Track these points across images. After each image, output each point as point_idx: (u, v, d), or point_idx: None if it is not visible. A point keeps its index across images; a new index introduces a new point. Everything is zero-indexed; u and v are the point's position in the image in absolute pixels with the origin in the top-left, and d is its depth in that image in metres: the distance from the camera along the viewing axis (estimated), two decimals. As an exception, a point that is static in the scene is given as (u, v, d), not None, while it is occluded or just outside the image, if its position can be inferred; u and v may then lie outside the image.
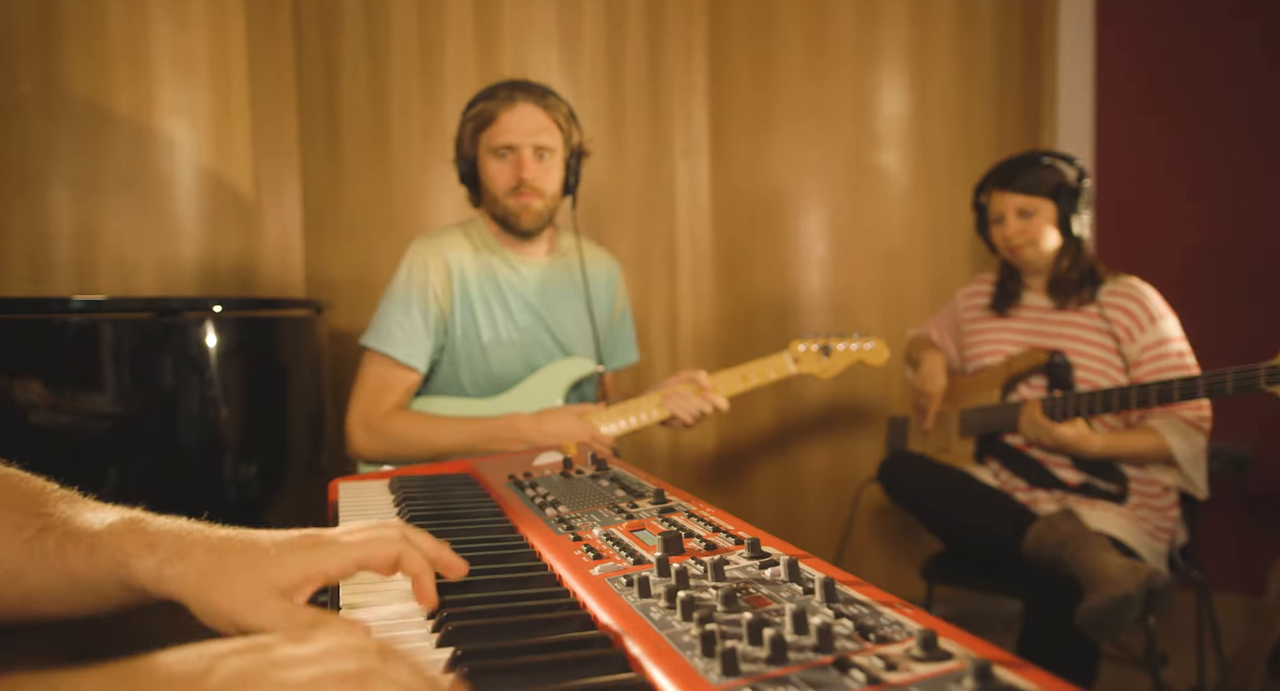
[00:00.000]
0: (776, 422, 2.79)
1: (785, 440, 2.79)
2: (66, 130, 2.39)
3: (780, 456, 2.80)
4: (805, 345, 1.95)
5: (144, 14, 2.42)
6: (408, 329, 1.73)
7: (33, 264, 2.39)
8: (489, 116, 1.75)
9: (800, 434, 2.77)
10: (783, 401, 2.77)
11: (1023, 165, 2.03)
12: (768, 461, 2.82)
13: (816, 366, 1.95)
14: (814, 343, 1.96)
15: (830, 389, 2.72)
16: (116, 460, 1.59)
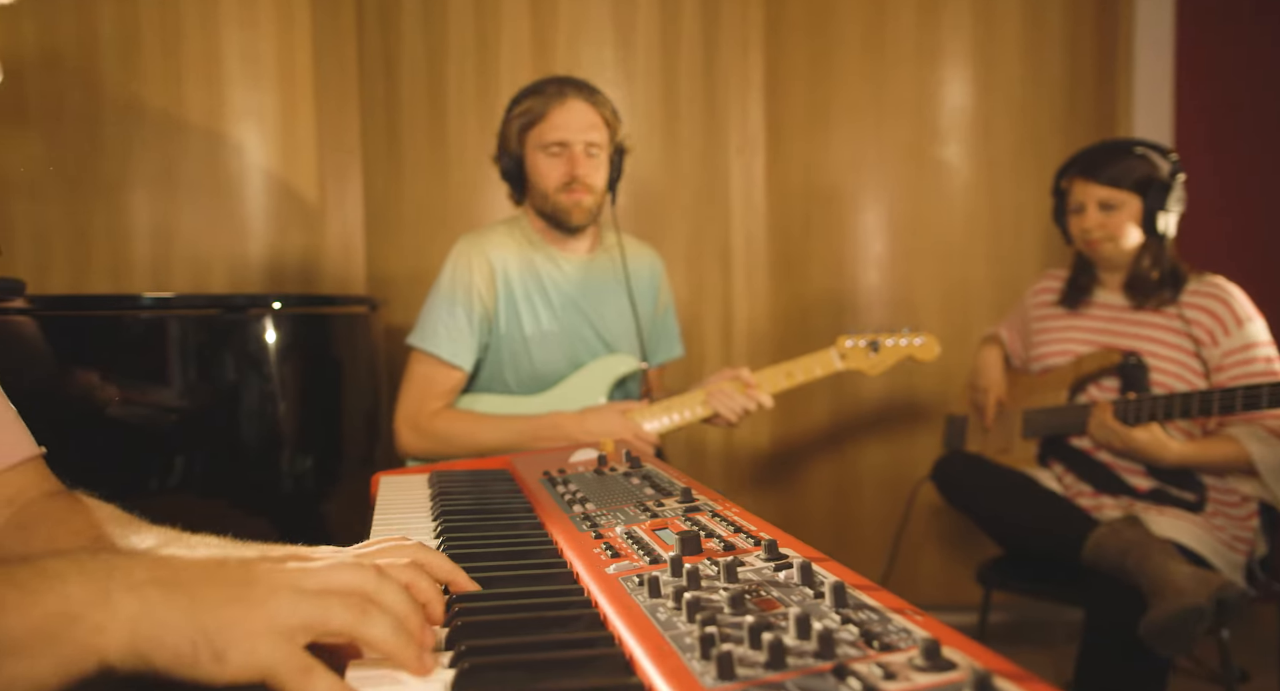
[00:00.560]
0: (832, 420, 2.75)
1: (840, 438, 2.74)
2: (144, 134, 2.50)
3: (835, 455, 2.76)
4: (852, 341, 1.91)
5: (215, 19, 2.51)
6: (452, 328, 1.76)
7: (113, 262, 2.51)
8: (539, 113, 1.75)
9: (856, 432, 2.73)
10: (839, 399, 2.73)
11: (1111, 153, 1.91)
12: (822, 460, 2.78)
13: (864, 363, 1.91)
14: (861, 338, 1.92)
15: (887, 386, 2.66)
16: (182, 451, 1.65)
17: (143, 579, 0.50)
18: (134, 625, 0.49)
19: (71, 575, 0.49)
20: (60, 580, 0.49)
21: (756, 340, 2.83)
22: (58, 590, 0.48)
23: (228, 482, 1.67)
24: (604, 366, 1.88)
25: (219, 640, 0.49)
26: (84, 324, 1.63)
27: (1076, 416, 1.93)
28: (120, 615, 0.49)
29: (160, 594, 0.50)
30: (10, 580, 0.48)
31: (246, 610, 0.50)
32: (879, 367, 1.93)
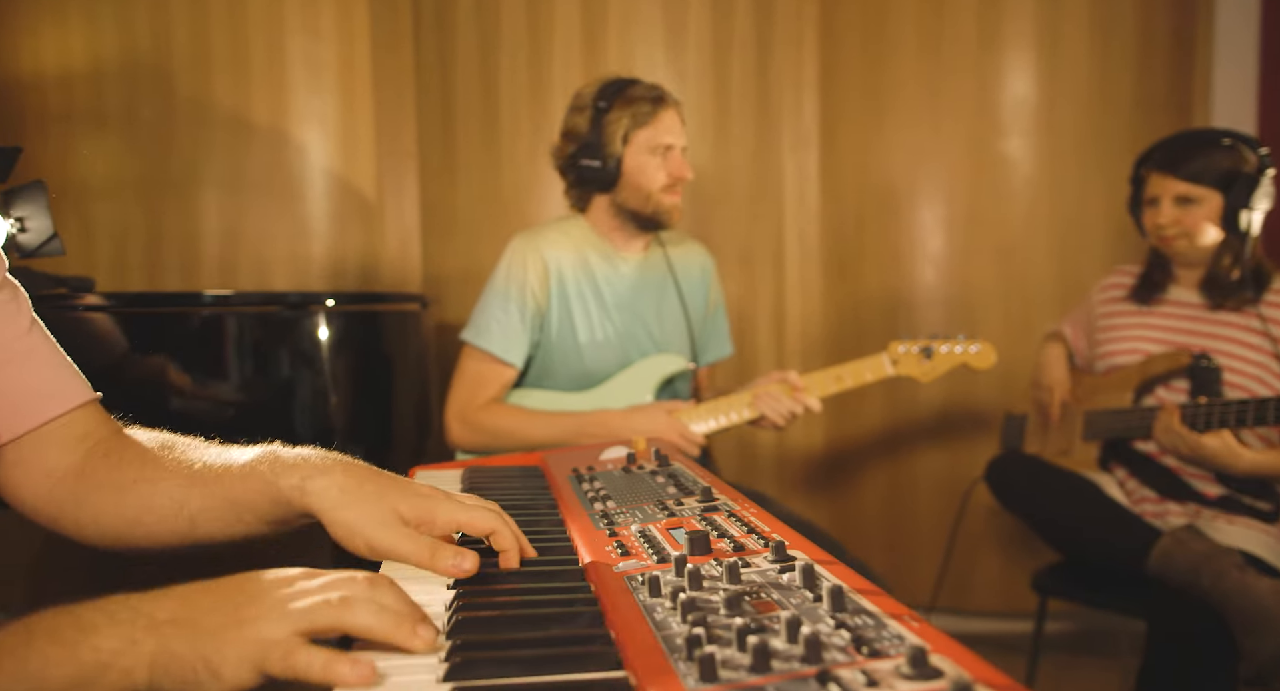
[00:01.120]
0: (887, 422, 2.70)
1: (896, 440, 2.69)
2: (213, 138, 2.60)
3: (890, 457, 2.70)
4: (905, 346, 1.87)
5: (280, 27, 2.59)
6: (505, 325, 1.78)
7: (184, 261, 2.62)
8: (649, 114, 1.77)
9: (912, 433, 2.67)
10: (894, 400, 2.67)
11: (1195, 145, 1.81)
12: (877, 462, 2.73)
13: (916, 369, 1.87)
14: (914, 344, 1.87)
15: (945, 387, 2.60)
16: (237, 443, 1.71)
17: (163, 619, 0.56)
18: (153, 662, 0.55)
19: (103, 625, 0.55)
20: (94, 632, 0.55)
21: (809, 339, 2.79)
22: (91, 643, 0.54)
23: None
24: (652, 365, 1.88)
25: (215, 660, 0.54)
26: (149, 320, 1.71)
27: (1141, 419, 1.86)
28: (143, 656, 0.55)
29: (174, 631, 0.55)
30: (51, 634, 0.54)
31: (239, 632, 0.55)
32: (931, 374, 1.88)
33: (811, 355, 2.77)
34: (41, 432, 0.82)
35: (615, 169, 1.80)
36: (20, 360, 0.82)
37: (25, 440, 0.82)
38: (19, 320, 0.83)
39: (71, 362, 0.88)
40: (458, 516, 0.74)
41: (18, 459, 0.82)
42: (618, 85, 1.81)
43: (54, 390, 0.84)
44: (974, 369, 1.90)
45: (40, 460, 0.83)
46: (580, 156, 1.80)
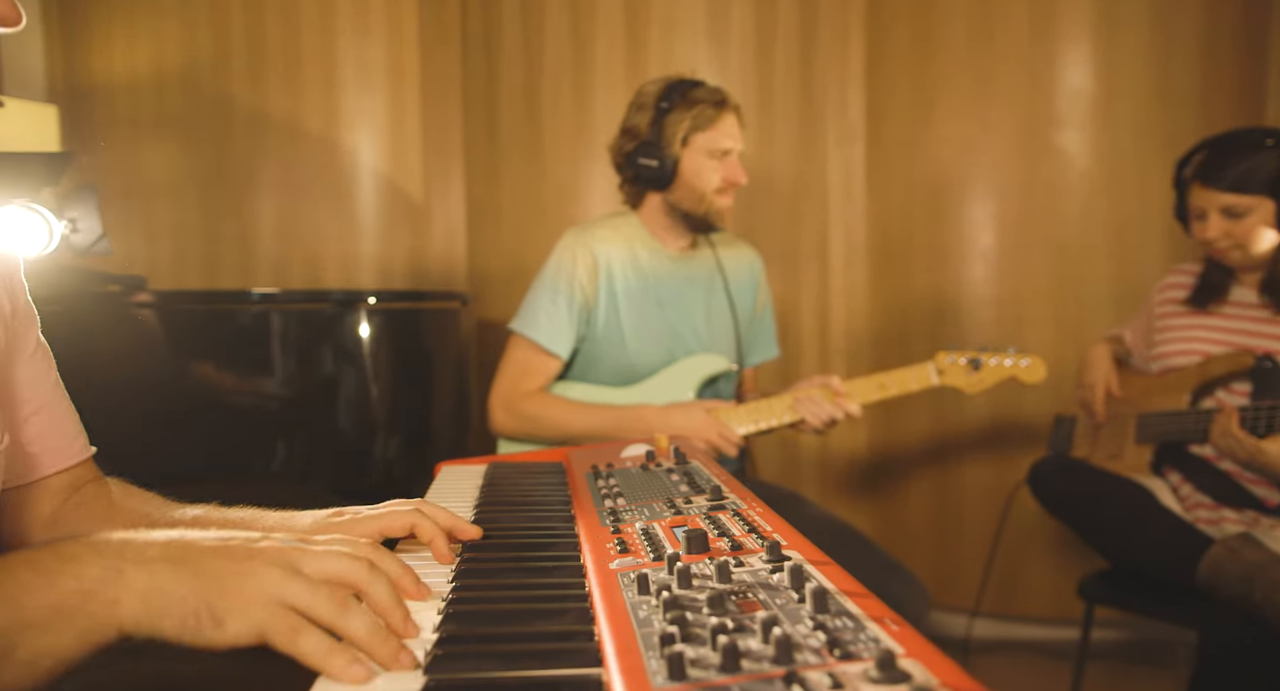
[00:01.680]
0: (933, 425, 2.64)
1: (942, 443, 2.64)
2: (268, 140, 2.68)
3: (937, 459, 2.65)
4: (952, 357, 1.84)
5: (332, 31, 2.66)
6: (553, 316, 1.80)
7: (240, 260, 2.70)
8: (710, 118, 1.79)
9: (958, 437, 2.61)
10: (941, 403, 2.62)
11: (1236, 150, 1.71)
12: (923, 464, 2.68)
13: (963, 380, 1.83)
14: (962, 355, 1.83)
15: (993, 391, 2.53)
16: (283, 436, 1.77)
17: (154, 556, 0.55)
18: (145, 597, 0.53)
19: (86, 556, 0.54)
20: (76, 561, 0.53)
21: (854, 339, 2.75)
22: (73, 570, 0.53)
23: (323, 467, 1.78)
24: (694, 364, 1.89)
25: (219, 607, 0.54)
26: (198, 316, 1.77)
27: (1198, 422, 1.79)
28: (133, 588, 0.53)
29: (169, 569, 0.54)
30: (30, 563, 0.53)
31: (244, 581, 0.55)
32: (978, 387, 1.84)
33: (856, 355, 2.73)
34: (42, 483, 0.85)
35: (672, 169, 1.82)
36: (43, 414, 0.84)
37: (28, 488, 0.84)
38: (49, 376, 0.86)
39: (77, 417, 0.89)
40: (374, 526, 0.77)
41: (17, 503, 0.84)
42: (682, 86, 1.82)
43: (64, 445, 0.86)
44: (1023, 383, 1.85)
45: (32, 507, 0.85)
46: (638, 154, 1.82)
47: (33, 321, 0.84)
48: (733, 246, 2.00)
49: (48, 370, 0.86)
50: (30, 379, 0.82)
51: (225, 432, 1.72)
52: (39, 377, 0.83)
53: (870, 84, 2.72)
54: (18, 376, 0.81)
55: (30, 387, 0.82)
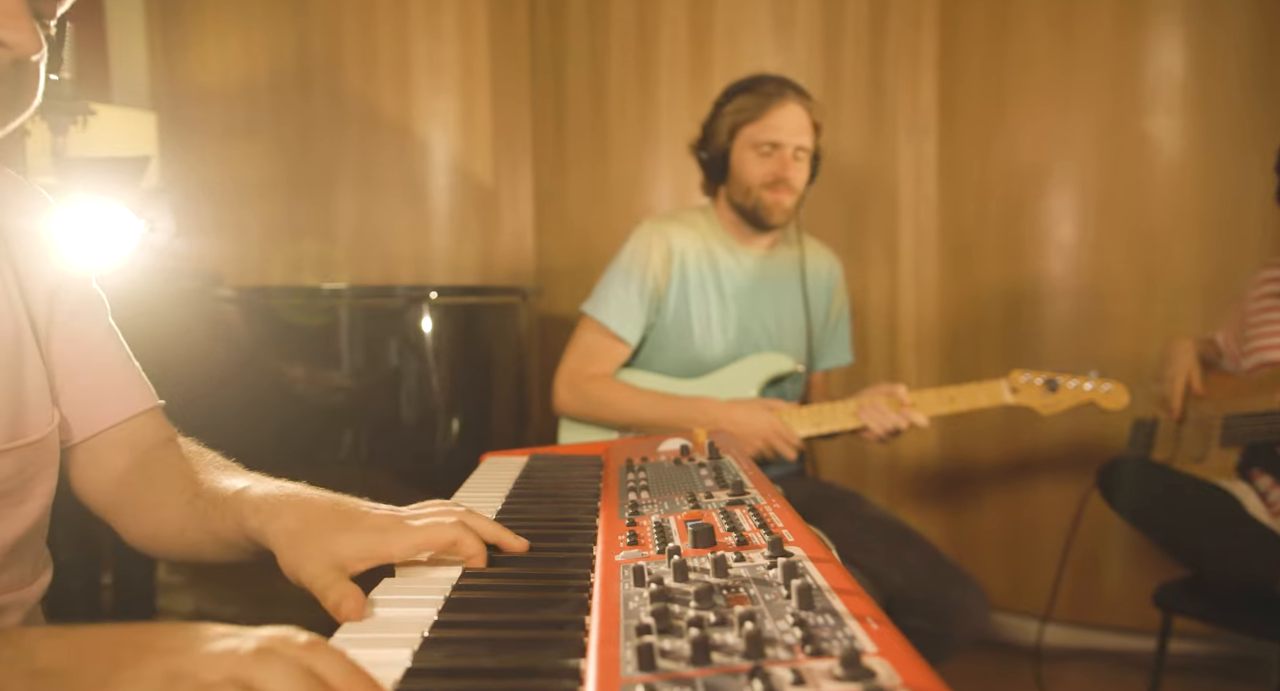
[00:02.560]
0: (1008, 428, 2.54)
1: (1017, 445, 2.55)
2: (346, 142, 2.78)
3: (1011, 460, 2.56)
4: (1028, 377, 1.77)
5: (405, 31, 2.74)
6: (624, 302, 1.82)
7: (320, 256, 2.82)
8: (758, 111, 1.78)
9: (1035, 439, 2.52)
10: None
11: None
12: (996, 466, 2.60)
13: (1037, 401, 1.77)
14: (1039, 375, 1.77)
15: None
16: (350, 425, 1.84)
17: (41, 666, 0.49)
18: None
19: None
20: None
21: (924, 335, 2.68)
22: None
23: (387, 456, 1.84)
24: (760, 363, 1.88)
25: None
26: (271, 311, 1.86)
27: (1289, 424, 1.68)
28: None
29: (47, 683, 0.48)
30: None
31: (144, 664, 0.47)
32: (1053, 409, 1.78)
33: (926, 352, 2.66)
34: (105, 436, 0.87)
35: (722, 162, 1.84)
36: (97, 365, 0.87)
37: (92, 442, 0.87)
38: (98, 326, 0.88)
39: (139, 370, 0.92)
40: (413, 539, 0.71)
41: (86, 460, 0.87)
42: (746, 81, 1.83)
43: (120, 396, 0.88)
44: (1102, 409, 1.78)
45: (100, 462, 0.87)
46: (699, 148, 1.87)
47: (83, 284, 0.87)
48: (812, 248, 1.99)
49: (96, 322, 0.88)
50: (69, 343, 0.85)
51: (297, 421, 1.80)
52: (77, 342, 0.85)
53: (943, 74, 2.64)
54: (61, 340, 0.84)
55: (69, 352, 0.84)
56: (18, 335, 0.80)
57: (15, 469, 0.78)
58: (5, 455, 0.77)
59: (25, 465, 0.79)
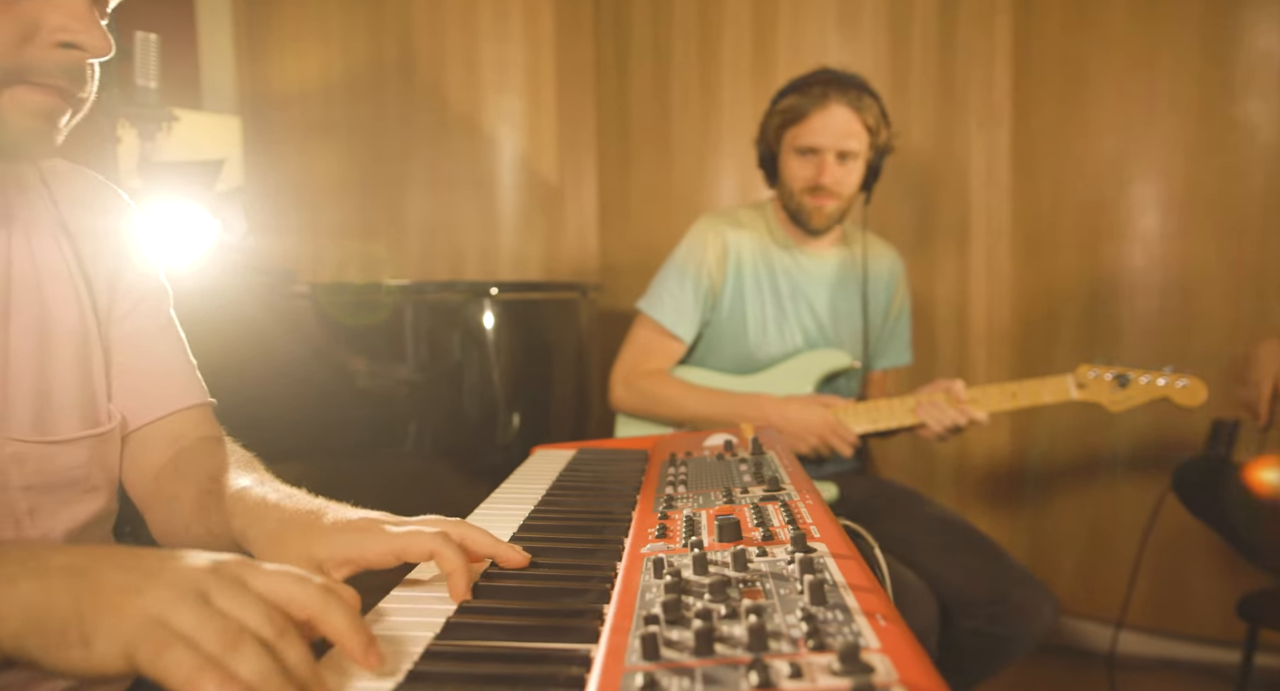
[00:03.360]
0: (1084, 426, 2.45)
1: (1094, 444, 2.45)
2: (417, 142, 2.86)
3: (1087, 460, 2.47)
4: (1096, 372, 1.70)
5: (474, 33, 2.80)
6: (679, 299, 1.83)
7: (392, 253, 2.90)
8: (799, 114, 1.75)
9: (1113, 438, 2.42)
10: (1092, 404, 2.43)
11: None
12: (1071, 465, 2.50)
13: (1106, 397, 1.70)
14: (1107, 370, 1.70)
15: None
16: (415, 418, 1.89)
17: (55, 566, 0.50)
18: (25, 609, 0.48)
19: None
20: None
21: (995, 330, 2.61)
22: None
23: (449, 449, 1.89)
24: (815, 359, 1.87)
25: (89, 624, 0.47)
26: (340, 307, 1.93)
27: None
28: (19, 600, 0.48)
29: (63, 579, 0.49)
30: None
31: (127, 598, 0.48)
32: (1123, 405, 1.70)
33: (997, 348, 2.59)
34: (149, 430, 0.89)
35: (770, 163, 1.84)
36: (149, 360, 0.90)
37: (138, 434, 0.89)
38: (157, 321, 0.91)
39: (193, 366, 0.94)
40: (390, 546, 0.67)
41: (131, 451, 0.89)
42: (799, 80, 1.80)
43: (167, 391, 0.90)
44: (1178, 405, 1.69)
45: (143, 454, 0.89)
46: (757, 144, 1.87)
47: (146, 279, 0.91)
48: (872, 247, 1.96)
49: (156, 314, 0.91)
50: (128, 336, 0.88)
51: (363, 413, 1.86)
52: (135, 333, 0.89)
53: (1018, 60, 2.55)
54: (120, 334, 0.88)
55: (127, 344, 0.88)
56: (85, 330, 0.84)
57: (88, 456, 0.83)
58: (79, 443, 0.82)
59: (96, 453, 0.84)
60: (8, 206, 0.79)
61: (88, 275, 0.85)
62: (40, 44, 0.67)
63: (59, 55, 0.68)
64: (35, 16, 0.66)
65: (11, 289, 0.78)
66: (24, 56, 0.66)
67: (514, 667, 0.53)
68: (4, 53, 0.65)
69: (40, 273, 0.80)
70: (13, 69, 0.66)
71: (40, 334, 0.79)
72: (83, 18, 0.68)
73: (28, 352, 0.78)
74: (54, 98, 0.68)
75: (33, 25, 0.66)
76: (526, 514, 0.91)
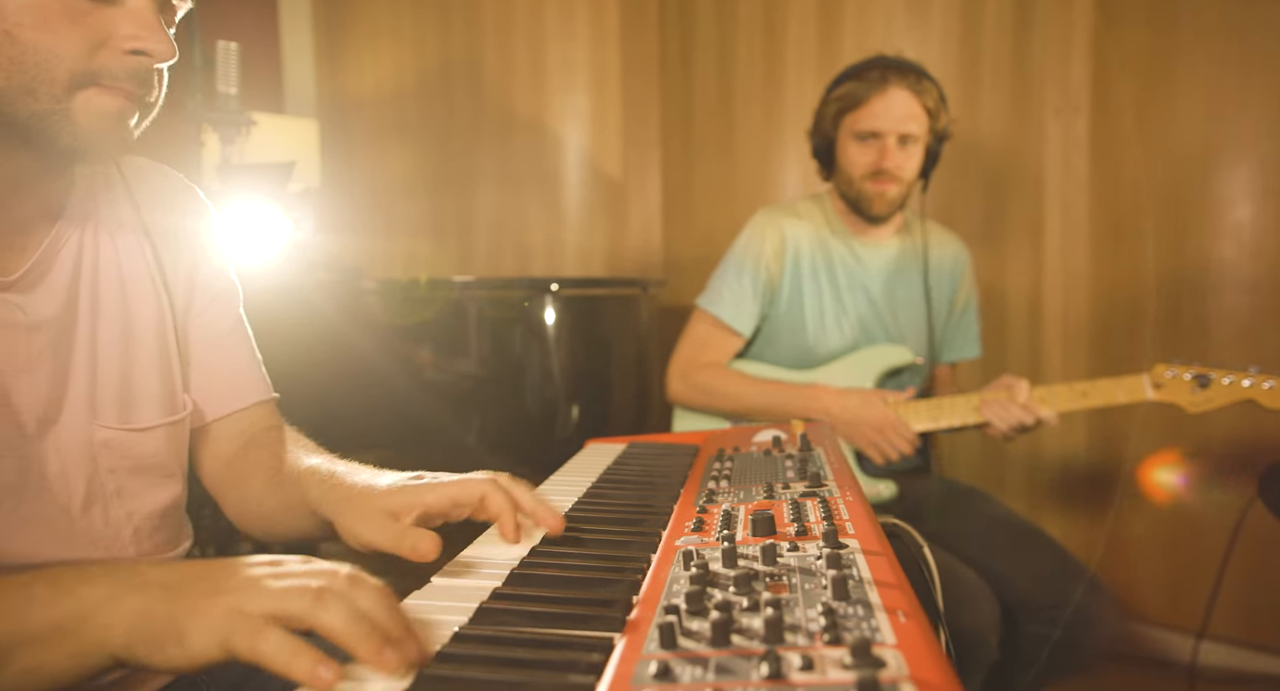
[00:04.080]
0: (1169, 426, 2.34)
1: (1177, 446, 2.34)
2: (485, 141, 2.91)
3: (1169, 464, 2.36)
4: (1174, 372, 1.63)
5: (540, 33, 2.84)
6: (737, 293, 1.82)
7: (461, 250, 2.97)
8: (857, 100, 1.73)
9: (1196, 440, 2.31)
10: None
11: None
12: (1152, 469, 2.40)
13: (1185, 398, 1.62)
14: (1186, 370, 1.62)
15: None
16: (477, 411, 1.94)
17: (152, 581, 0.56)
18: (131, 621, 0.54)
19: (98, 578, 0.56)
20: (88, 582, 0.56)
21: (1071, 327, 2.52)
22: (81, 591, 0.55)
23: (511, 441, 1.92)
24: (876, 354, 1.84)
25: (184, 625, 0.53)
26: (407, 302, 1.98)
27: None
28: (124, 614, 0.54)
29: (159, 593, 0.55)
30: (49, 579, 0.57)
31: (212, 600, 0.54)
32: (1203, 407, 1.62)
33: (1073, 346, 2.49)
34: (222, 422, 0.95)
35: (828, 152, 1.81)
36: (222, 357, 0.96)
37: (211, 426, 0.95)
38: (228, 319, 0.96)
39: (259, 362, 1.00)
40: (446, 491, 0.77)
41: (204, 442, 0.96)
42: (855, 66, 1.77)
43: (238, 387, 0.96)
44: (1264, 408, 1.60)
45: (216, 445, 0.96)
46: (811, 137, 1.85)
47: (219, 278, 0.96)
48: (936, 237, 1.92)
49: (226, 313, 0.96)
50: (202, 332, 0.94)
51: (428, 406, 1.91)
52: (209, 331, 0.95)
53: (1098, 45, 2.45)
54: (196, 330, 0.94)
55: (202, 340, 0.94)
56: (163, 325, 0.90)
57: (167, 442, 0.89)
58: (158, 430, 0.87)
59: (173, 439, 0.90)
60: (93, 209, 0.85)
61: (165, 273, 0.91)
62: (111, 51, 0.71)
63: (128, 61, 0.72)
64: (108, 25, 0.71)
65: (99, 288, 0.83)
66: (97, 62, 0.71)
67: (538, 652, 0.54)
68: (79, 58, 0.70)
69: (123, 272, 0.86)
70: (86, 73, 0.70)
71: (124, 329, 0.85)
72: (151, 26, 0.73)
73: (114, 347, 0.84)
74: (123, 100, 0.73)
75: (105, 33, 0.71)
76: (571, 505, 0.92)
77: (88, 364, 0.81)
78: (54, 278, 0.79)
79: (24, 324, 0.76)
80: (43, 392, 0.77)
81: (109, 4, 0.71)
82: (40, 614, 0.54)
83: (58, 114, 0.70)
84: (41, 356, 0.77)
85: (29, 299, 0.77)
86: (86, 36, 0.70)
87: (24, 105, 0.69)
